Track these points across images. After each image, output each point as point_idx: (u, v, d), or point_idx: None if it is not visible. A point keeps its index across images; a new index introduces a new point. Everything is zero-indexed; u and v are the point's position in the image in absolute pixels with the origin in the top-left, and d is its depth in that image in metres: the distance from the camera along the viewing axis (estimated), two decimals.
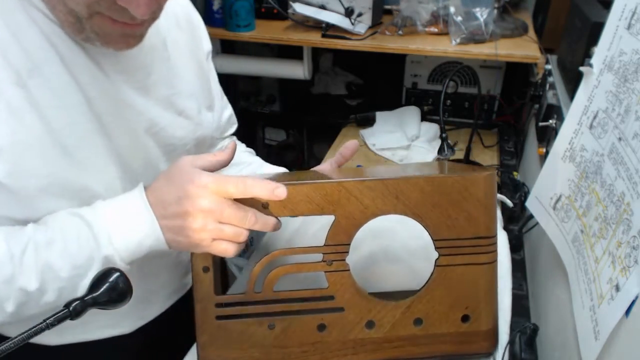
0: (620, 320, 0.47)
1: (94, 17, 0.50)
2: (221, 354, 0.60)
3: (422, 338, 0.60)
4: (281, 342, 0.59)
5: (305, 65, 1.44)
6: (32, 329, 0.39)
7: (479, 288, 0.59)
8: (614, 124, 0.57)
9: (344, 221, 0.57)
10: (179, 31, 0.70)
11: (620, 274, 0.49)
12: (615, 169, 0.55)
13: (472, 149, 1.17)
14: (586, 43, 0.79)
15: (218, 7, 1.38)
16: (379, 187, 0.56)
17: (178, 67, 0.68)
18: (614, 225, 0.53)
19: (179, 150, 0.68)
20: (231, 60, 1.50)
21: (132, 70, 0.61)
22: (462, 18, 1.24)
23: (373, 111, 1.45)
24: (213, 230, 0.52)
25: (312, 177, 0.60)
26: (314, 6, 1.34)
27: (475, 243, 0.58)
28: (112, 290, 0.45)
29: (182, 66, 0.69)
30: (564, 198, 0.69)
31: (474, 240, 0.58)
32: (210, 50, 0.78)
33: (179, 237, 0.54)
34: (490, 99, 1.42)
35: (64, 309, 0.42)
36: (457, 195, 0.56)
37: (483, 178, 0.57)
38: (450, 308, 0.59)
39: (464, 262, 0.58)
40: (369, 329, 0.59)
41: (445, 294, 0.59)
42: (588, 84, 0.66)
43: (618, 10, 0.60)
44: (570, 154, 0.69)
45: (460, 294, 0.59)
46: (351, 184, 0.55)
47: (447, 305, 0.59)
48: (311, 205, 0.55)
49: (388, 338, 0.60)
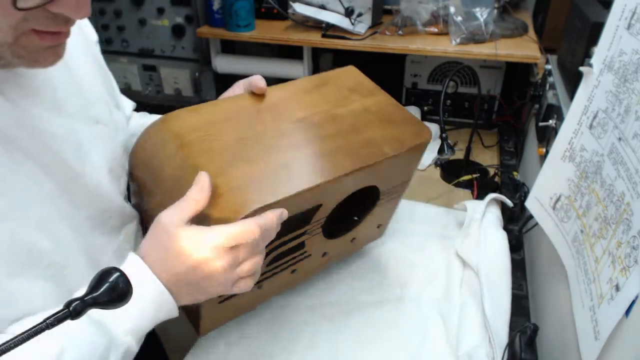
0: (620, 320, 0.47)
1: (20, 39, 0.44)
2: (219, 321, 0.72)
3: (355, 246, 0.87)
4: (263, 292, 0.74)
5: (305, 65, 1.44)
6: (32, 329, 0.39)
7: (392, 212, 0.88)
8: (614, 124, 0.57)
9: (329, 204, 0.68)
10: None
11: (620, 274, 0.49)
12: (615, 169, 0.55)
13: (472, 149, 1.17)
14: (586, 43, 0.79)
15: (218, 7, 1.38)
16: (356, 175, 0.66)
17: (78, 71, 0.61)
18: (614, 225, 0.53)
19: (114, 164, 0.64)
20: (231, 60, 1.50)
21: (37, 90, 0.53)
22: (462, 18, 1.24)
23: None
24: (232, 278, 0.52)
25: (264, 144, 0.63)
26: (314, 6, 1.34)
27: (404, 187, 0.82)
28: (112, 290, 0.44)
29: (81, 68, 0.62)
30: (563, 198, 0.69)
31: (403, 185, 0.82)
32: (97, 40, 0.70)
33: (198, 296, 0.53)
34: (490, 99, 1.42)
35: (64, 309, 0.42)
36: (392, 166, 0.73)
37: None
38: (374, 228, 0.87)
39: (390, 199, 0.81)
40: (323, 257, 0.79)
41: (371, 220, 0.82)
42: (588, 84, 0.66)
43: (618, 10, 0.60)
44: (570, 154, 0.69)
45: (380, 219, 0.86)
46: (333, 185, 0.63)
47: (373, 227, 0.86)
48: (303, 206, 0.63)
49: (331, 257, 0.82)
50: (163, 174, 0.61)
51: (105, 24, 1.55)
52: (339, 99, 0.73)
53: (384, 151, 0.68)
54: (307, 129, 0.67)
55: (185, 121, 0.61)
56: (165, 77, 1.58)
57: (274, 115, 0.67)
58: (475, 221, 0.89)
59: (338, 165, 0.63)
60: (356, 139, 0.68)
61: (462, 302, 0.79)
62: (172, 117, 0.62)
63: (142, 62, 1.58)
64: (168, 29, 1.50)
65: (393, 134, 0.71)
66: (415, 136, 0.73)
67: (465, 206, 0.93)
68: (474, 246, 0.85)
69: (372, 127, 0.71)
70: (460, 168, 1.16)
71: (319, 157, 0.64)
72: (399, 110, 0.76)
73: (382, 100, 0.76)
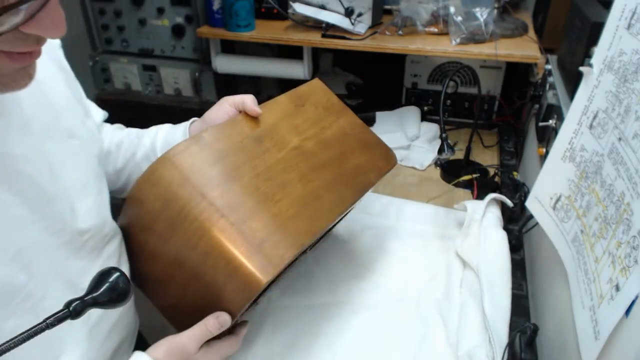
0: (620, 320, 0.47)
1: None
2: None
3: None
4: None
5: (305, 65, 1.44)
6: (32, 329, 0.39)
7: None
8: (614, 124, 0.57)
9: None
10: None
11: (620, 274, 0.49)
12: (615, 169, 0.55)
13: (472, 149, 1.17)
14: (586, 43, 0.79)
15: (218, 7, 1.38)
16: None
17: (43, 80, 0.55)
18: (614, 225, 0.53)
19: (89, 178, 0.61)
20: (231, 60, 1.50)
21: (4, 111, 0.49)
22: (462, 18, 1.24)
23: (373, 111, 1.45)
24: None
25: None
26: (314, 6, 1.34)
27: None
28: (112, 290, 0.45)
29: (47, 77, 0.57)
30: (563, 198, 0.69)
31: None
32: (60, 44, 0.64)
33: None
34: (490, 99, 1.42)
35: (64, 309, 0.42)
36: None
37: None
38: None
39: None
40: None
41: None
42: (588, 84, 0.66)
43: (618, 10, 0.60)
44: (570, 154, 0.69)
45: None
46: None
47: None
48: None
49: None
50: (176, 230, 0.58)
51: (105, 24, 1.55)
52: (319, 121, 0.76)
53: (370, 179, 0.74)
54: (306, 158, 0.70)
55: (196, 158, 0.60)
56: (165, 77, 1.58)
57: (274, 142, 0.68)
58: (475, 221, 0.89)
59: (344, 197, 0.69)
60: (347, 167, 0.73)
61: (462, 302, 0.79)
62: (181, 156, 0.59)
63: (142, 62, 1.58)
64: (168, 29, 1.50)
65: (372, 160, 0.77)
66: (386, 162, 0.80)
67: (465, 206, 0.93)
68: (474, 246, 0.85)
69: (356, 153, 0.76)
70: (460, 168, 1.16)
71: (327, 189, 0.67)
72: (368, 132, 0.82)
73: (351, 120, 0.81)
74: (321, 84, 0.82)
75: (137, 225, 0.64)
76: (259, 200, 0.60)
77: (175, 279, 0.60)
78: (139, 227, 0.63)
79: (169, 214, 0.58)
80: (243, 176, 0.61)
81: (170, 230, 0.58)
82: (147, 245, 0.63)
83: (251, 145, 0.65)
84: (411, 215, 1.01)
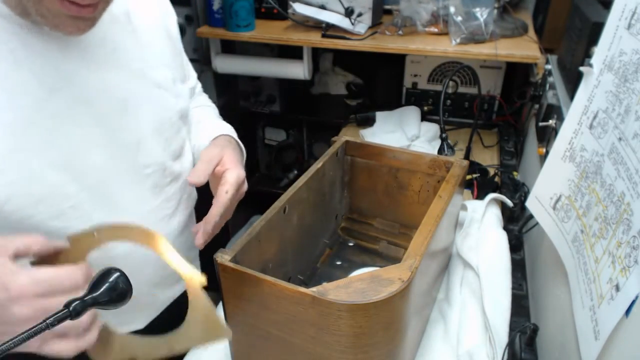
0: (620, 320, 0.47)
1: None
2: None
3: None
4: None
5: (305, 65, 1.44)
6: (32, 329, 0.39)
7: None
8: (614, 124, 0.57)
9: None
10: (143, 0, 0.67)
11: (620, 274, 0.49)
12: (615, 169, 0.55)
13: (472, 149, 1.17)
14: (586, 43, 0.79)
15: (218, 7, 1.38)
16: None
17: (147, 39, 0.65)
18: (614, 225, 0.53)
19: (166, 125, 0.67)
20: (231, 60, 1.50)
21: (94, 48, 0.58)
22: (462, 18, 1.24)
23: (373, 111, 1.45)
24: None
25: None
26: (314, 6, 1.34)
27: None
28: (112, 290, 0.44)
29: (151, 37, 0.66)
30: (563, 198, 0.69)
31: None
32: (176, 19, 0.75)
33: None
34: (490, 99, 1.42)
35: (64, 309, 0.41)
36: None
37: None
38: None
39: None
40: None
41: None
42: (588, 84, 0.66)
43: (618, 10, 0.60)
44: (570, 154, 0.69)
45: None
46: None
47: None
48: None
49: None
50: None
51: None
52: None
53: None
54: None
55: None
56: None
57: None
58: (475, 221, 0.89)
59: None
60: None
61: (462, 301, 0.79)
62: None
63: None
64: None
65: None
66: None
67: (466, 206, 0.93)
68: (474, 246, 0.85)
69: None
70: None
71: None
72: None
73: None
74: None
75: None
76: None
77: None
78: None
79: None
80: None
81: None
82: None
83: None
84: None
